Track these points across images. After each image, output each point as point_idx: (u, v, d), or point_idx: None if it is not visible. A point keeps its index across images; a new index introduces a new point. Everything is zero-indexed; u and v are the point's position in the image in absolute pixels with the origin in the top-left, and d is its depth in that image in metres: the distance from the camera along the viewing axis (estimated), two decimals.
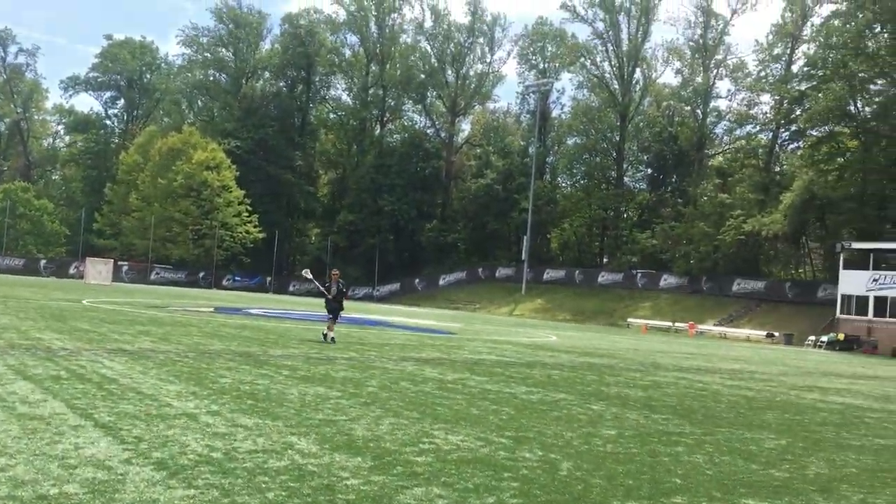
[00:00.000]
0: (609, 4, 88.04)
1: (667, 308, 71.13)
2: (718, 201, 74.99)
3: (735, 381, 18.93)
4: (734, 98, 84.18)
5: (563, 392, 13.35)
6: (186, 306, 35.18)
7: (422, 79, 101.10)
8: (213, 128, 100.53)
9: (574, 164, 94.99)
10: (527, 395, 12.46)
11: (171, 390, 10.06)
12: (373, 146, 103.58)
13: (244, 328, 23.44)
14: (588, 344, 31.71)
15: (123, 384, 10.25)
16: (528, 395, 12.47)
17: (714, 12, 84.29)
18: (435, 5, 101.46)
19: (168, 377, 11.20)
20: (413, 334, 27.98)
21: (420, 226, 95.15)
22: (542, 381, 14.89)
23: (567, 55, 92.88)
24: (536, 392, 13.03)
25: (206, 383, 10.87)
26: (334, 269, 22.12)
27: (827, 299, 61.02)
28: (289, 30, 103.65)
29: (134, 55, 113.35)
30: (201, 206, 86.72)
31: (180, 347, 15.80)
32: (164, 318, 25.07)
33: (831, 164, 68.00)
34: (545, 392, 13.14)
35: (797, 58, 75.40)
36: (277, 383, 11.45)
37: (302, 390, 10.94)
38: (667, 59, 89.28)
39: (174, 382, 10.74)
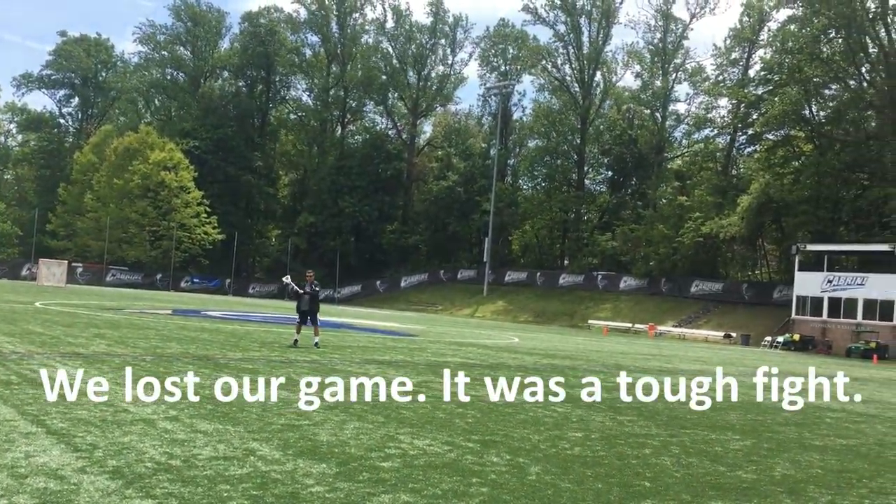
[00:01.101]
0: (570, 7, 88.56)
1: (627, 309, 71.74)
2: (677, 204, 75.85)
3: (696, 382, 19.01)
4: (693, 102, 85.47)
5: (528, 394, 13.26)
6: (143, 309, 34.52)
7: (383, 80, 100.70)
8: (170, 127, 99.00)
9: (535, 166, 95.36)
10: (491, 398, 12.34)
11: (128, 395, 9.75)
12: (334, 147, 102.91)
13: (203, 331, 23.02)
14: (550, 346, 31.77)
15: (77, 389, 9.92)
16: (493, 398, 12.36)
17: (673, 16, 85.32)
18: (396, 6, 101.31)
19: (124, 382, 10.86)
20: (375, 336, 27.76)
21: (381, 227, 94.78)
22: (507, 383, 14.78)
23: (528, 58, 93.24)
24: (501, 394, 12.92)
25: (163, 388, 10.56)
26: (309, 271, 21.85)
27: (783, 300, 62.04)
28: (248, 28, 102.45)
29: (89, 53, 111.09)
30: (158, 206, 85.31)
31: (137, 350, 15.41)
32: (120, 321, 24.52)
33: (787, 168, 69.15)
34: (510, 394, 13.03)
35: (754, 62, 76.61)
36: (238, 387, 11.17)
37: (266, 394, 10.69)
38: (627, 62, 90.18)
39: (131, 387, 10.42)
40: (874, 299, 52.41)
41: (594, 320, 68.50)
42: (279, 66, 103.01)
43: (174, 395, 9.82)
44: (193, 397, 9.91)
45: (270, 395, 10.62)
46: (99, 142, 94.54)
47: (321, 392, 10.74)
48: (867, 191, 62.23)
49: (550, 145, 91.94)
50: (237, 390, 10.27)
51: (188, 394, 10.02)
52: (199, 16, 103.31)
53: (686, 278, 71.97)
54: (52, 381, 9.63)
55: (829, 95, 68.43)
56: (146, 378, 9.81)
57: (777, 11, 72.26)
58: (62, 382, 9.63)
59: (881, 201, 59.92)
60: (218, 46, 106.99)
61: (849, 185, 65.45)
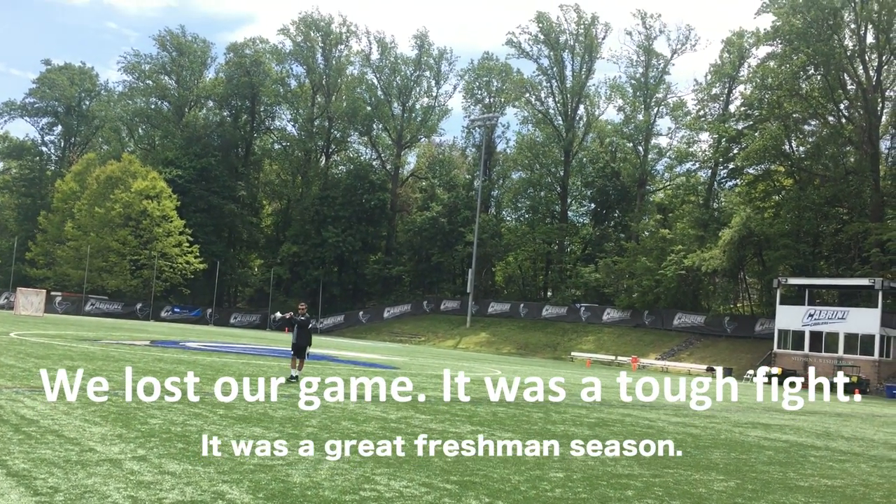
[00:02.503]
0: (554, 42, 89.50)
1: (610, 342, 71.59)
2: (660, 236, 76.14)
3: (679, 417, 18.86)
4: (674, 136, 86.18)
5: (508, 431, 13.04)
6: (121, 339, 33.99)
7: (368, 111, 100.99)
8: (154, 156, 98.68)
9: (519, 198, 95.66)
10: (472, 435, 12.11)
11: (96, 433, 9.46)
12: (318, 177, 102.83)
13: (180, 363, 22.62)
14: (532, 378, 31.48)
15: (44, 426, 9.62)
16: (473, 436, 12.13)
17: (655, 52, 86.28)
18: (382, 38, 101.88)
19: (94, 418, 10.57)
20: (356, 369, 27.42)
21: (365, 258, 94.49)
22: (488, 420, 14.56)
23: (512, 90, 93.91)
24: (482, 430, 12.70)
25: (134, 425, 10.27)
26: (301, 303, 21.54)
27: (764, 334, 62.14)
28: (233, 59, 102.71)
29: (73, 81, 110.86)
30: (140, 235, 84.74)
31: (111, 385, 15.06)
32: (96, 352, 24.08)
33: (768, 202, 69.69)
34: (490, 431, 12.82)
35: (734, 98, 77.48)
36: (211, 424, 10.90)
37: (237, 431, 10.42)
38: (609, 96, 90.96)
39: (100, 424, 10.12)
40: (855, 333, 52.57)
41: (577, 352, 68.28)
42: (264, 96, 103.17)
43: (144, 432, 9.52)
44: (164, 435, 9.62)
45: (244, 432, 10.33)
46: (81, 170, 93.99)
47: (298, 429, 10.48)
48: (847, 226, 62.72)
49: (534, 177, 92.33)
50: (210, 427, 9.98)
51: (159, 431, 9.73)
52: (184, 46, 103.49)
53: (669, 311, 72.05)
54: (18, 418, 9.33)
55: (809, 131, 69.29)
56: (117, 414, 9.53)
57: (757, 48, 73.27)
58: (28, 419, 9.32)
59: (861, 236, 60.43)
60: (203, 76, 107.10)
61: (829, 219, 65.97)
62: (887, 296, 54.30)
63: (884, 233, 56.37)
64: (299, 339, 20.28)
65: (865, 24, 60.93)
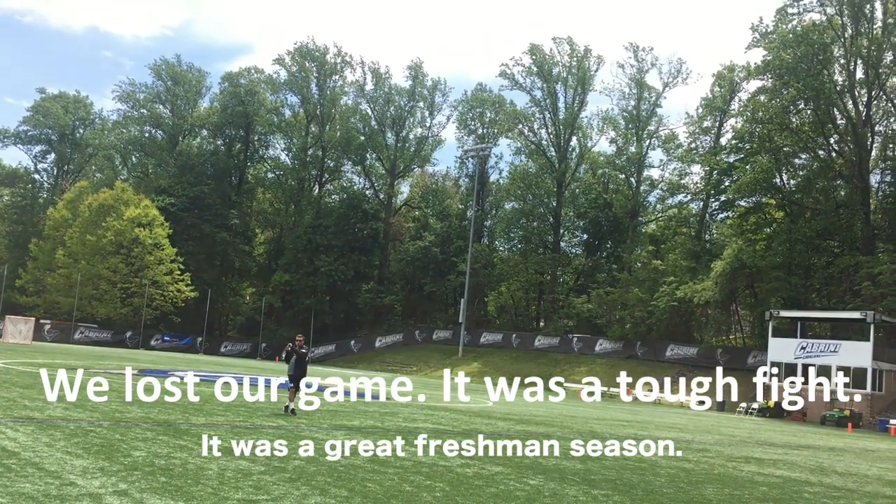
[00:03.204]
0: (547, 74, 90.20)
1: (602, 373, 71.24)
2: (652, 267, 76.15)
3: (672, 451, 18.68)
4: (666, 168, 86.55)
5: (499, 465, 12.87)
6: (109, 368, 33.65)
7: (361, 140, 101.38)
8: (147, 184, 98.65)
9: (511, 228, 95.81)
10: (462, 469, 11.94)
11: (77, 465, 9.27)
12: (310, 206, 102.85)
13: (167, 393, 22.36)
14: (525, 410, 31.26)
15: (25, 458, 9.43)
16: (464, 469, 11.96)
17: (647, 85, 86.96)
18: (376, 69, 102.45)
19: (76, 450, 10.37)
20: (346, 399, 27.17)
21: (357, 287, 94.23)
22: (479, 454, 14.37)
23: (505, 121, 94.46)
24: (472, 465, 12.53)
25: (117, 457, 10.08)
26: (299, 335, 21.25)
27: (757, 366, 61.91)
28: (228, 88, 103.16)
29: (67, 109, 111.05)
30: (131, 263, 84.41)
31: (95, 415, 14.84)
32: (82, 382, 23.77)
33: (759, 234, 69.88)
34: (481, 465, 12.64)
35: (726, 131, 78.06)
36: (196, 457, 10.71)
37: (222, 465, 10.24)
38: (602, 128, 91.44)
39: (82, 456, 9.93)
40: (847, 366, 52.45)
41: (569, 383, 67.89)
42: (258, 125, 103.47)
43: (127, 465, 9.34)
44: (147, 468, 9.44)
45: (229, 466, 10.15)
46: (73, 198, 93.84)
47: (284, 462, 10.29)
48: (838, 258, 62.86)
49: (527, 207, 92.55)
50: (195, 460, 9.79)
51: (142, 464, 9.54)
52: (179, 75, 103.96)
53: (661, 342, 71.88)
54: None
55: (799, 164, 69.71)
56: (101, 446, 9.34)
57: (747, 82, 73.99)
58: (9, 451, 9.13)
59: (852, 269, 60.53)
60: (197, 105, 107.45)
61: (820, 252, 66.13)
62: (879, 329, 54.28)
63: (875, 266, 56.47)
64: (297, 371, 19.97)
65: (855, 59, 61.59)
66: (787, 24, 62.95)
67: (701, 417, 42.43)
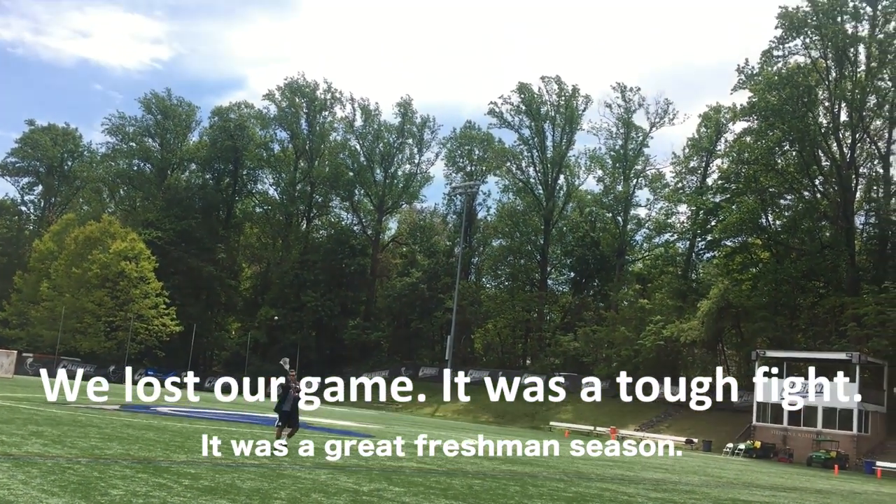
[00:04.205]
0: (535, 112, 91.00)
1: (588, 412, 70.89)
2: (639, 306, 76.26)
3: (659, 492, 18.53)
4: (653, 207, 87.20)
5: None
6: (90, 403, 33.20)
7: (350, 176, 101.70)
8: (134, 217, 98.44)
9: (499, 265, 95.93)
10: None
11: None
12: (298, 241, 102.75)
13: (149, 429, 22.05)
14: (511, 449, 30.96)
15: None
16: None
17: (634, 125, 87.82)
18: (366, 105, 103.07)
19: (52, 488, 10.16)
20: (330, 436, 26.85)
21: (343, 322, 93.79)
22: (463, 493, 14.20)
23: (494, 159, 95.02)
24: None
25: (93, 496, 9.89)
26: (291, 370, 20.81)
27: (743, 406, 61.82)
28: (218, 122, 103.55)
29: (56, 142, 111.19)
30: (116, 297, 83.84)
31: (73, 452, 14.59)
32: (62, 417, 23.44)
33: (745, 274, 70.20)
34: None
35: (712, 171, 78.74)
36: (175, 496, 10.52)
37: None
38: (589, 167, 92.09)
39: (58, 494, 9.73)
40: (833, 408, 52.44)
41: (555, 422, 67.55)
42: (247, 159, 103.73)
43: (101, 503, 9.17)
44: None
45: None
46: (60, 230, 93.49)
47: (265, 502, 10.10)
48: (823, 299, 63.13)
49: (514, 245, 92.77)
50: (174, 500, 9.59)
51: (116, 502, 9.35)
52: (169, 109, 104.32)
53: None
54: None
55: (785, 205, 70.26)
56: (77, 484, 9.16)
57: (733, 123, 74.80)
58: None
59: (837, 310, 60.77)
60: (187, 139, 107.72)
61: (805, 293, 66.41)
62: (865, 370, 54.37)
63: (860, 307, 56.72)
64: (288, 410, 19.37)
65: (839, 102, 62.43)
66: (772, 66, 63.87)
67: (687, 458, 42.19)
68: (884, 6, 60.60)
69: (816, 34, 61.74)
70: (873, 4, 60.73)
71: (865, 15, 61.06)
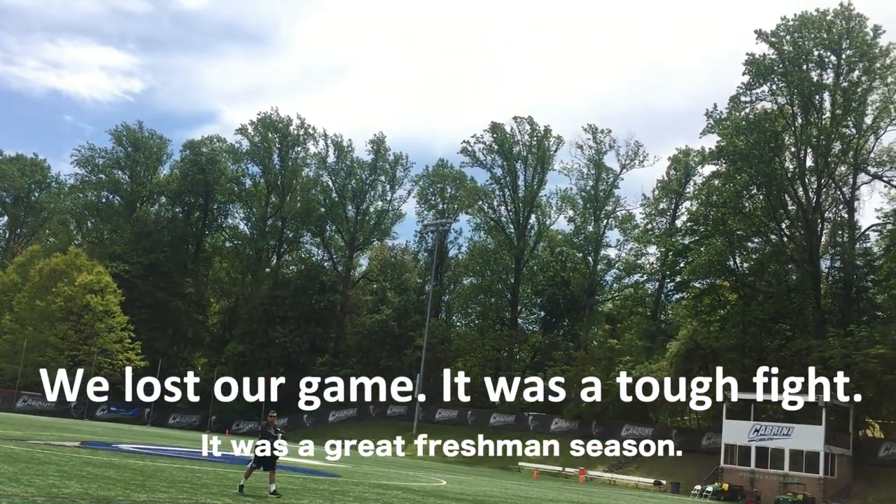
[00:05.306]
0: (507, 152, 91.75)
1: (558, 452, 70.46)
2: (608, 347, 76.43)
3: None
4: (623, 248, 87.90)
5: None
6: (50, 439, 32.38)
7: (322, 212, 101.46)
8: (101, 250, 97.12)
9: (469, 303, 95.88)
10: None
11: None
12: (267, 276, 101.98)
13: (110, 467, 21.52)
14: (479, 490, 30.69)
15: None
16: None
17: (605, 166, 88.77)
18: (339, 142, 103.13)
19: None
20: (295, 476, 26.39)
21: (312, 359, 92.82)
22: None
23: (466, 198, 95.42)
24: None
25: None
26: (272, 412, 20.43)
27: (712, 447, 61.87)
28: (189, 156, 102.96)
29: (24, 172, 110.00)
30: (80, 331, 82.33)
31: (29, 491, 14.16)
32: (20, 454, 22.80)
33: (713, 316, 70.72)
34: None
35: (681, 213, 79.70)
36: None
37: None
38: (560, 207, 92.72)
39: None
40: (800, 450, 52.69)
41: (524, 462, 67.08)
42: (218, 193, 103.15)
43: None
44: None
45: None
46: (24, 261, 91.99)
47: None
48: (790, 342, 63.61)
49: (485, 283, 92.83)
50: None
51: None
52: (140, 142, 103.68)
53: (617, 422, 71.62)
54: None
55: (752, 248, 71.15)
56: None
57: (702, 167, 75.88)
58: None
59: (804, 352, 61.27)
60: (157, 172, 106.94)
61: (773, 335, 66.97)
62: (831, 413, 54.74)
63: (826, 350, 57.24)
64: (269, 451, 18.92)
65: (805, 147, 63.65)
66: (740, 111, 65.09)
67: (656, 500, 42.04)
68: (847, 55, 62.16)
69: (783, 81, 63.16)
70: (837, 54, 62.28)
71: (830, 63, 62.58)
